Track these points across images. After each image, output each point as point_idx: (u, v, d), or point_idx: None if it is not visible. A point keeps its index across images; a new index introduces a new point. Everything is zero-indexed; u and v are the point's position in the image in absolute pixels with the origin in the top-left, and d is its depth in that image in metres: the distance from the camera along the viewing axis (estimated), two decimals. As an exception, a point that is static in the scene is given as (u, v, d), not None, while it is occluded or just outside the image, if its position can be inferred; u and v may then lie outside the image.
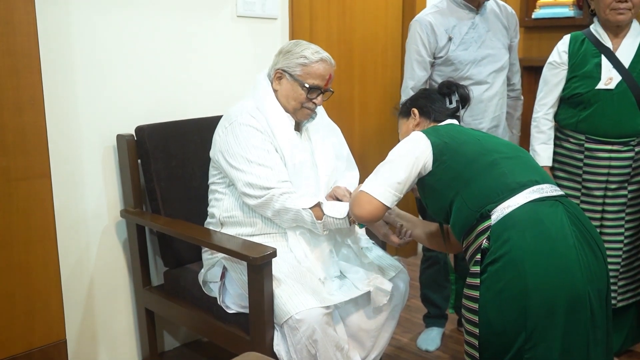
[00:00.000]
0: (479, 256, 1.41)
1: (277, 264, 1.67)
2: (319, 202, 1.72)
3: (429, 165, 1.53)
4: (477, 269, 1.41)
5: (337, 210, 1.71)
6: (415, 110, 1.73)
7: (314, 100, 1.84)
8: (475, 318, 1.40)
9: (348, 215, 1.70)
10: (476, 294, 1.40)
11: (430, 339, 2.38)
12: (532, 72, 3.19)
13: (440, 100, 1.74)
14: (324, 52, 1.85)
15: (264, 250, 1.61)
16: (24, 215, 1.60)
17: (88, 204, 2.01)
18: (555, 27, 3.17)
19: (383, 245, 2.01)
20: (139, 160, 2.02)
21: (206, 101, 2.28)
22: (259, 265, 1.58)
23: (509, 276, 1.34)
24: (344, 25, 2.85)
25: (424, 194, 1.61)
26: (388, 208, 1.53)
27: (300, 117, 1.88)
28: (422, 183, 1.58)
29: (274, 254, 1.61)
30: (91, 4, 1.92)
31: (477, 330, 1.40)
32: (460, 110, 1.76)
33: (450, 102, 1.75)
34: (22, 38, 1.56)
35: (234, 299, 1.79)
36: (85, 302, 2.05)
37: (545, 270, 1.33)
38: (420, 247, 3.38)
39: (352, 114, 3.00)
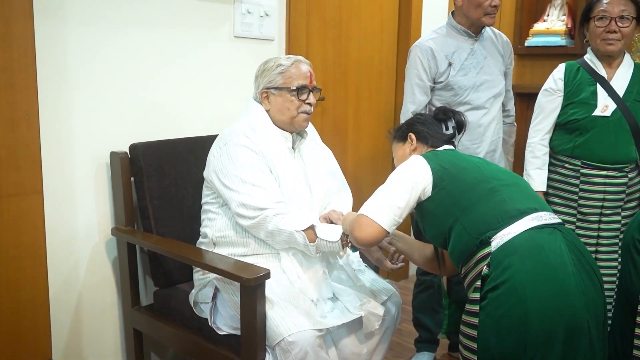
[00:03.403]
0: (478, 283, 1.40)
1: (269, 285, 1.65)
2: (312, 225, 1.72)
3: (429, 191, 1.53)
4: (476, 295, 1.40)
5: (331, 234, 1.71)
6: (413, 135, 1.73)
7: (307, 101, 1.85)
8: (474, 345, 1.39)
9: (341, 238, 1.70)
10: (475, 320, 1.39)
11: None
12: (524, 98, 3.24)
13: (437, 125, 1.75)
14: (296, 55, 1.90)
15: (257, 271, 1.60)
16: (14, 232, 1.58)
17: (79, 221, 1.98)
18: (547, 55, 3.23)
19: (376, 268, 2.01)
20: (132, 178, 2.01)
21: (201, 120, 2.28)
22: (252, 286, 1.56)
23: (510, 303, 1.34)
24: (340, 48, 2.88)
25: (422, 219, 1.60)
26: (388, 232, 1.53)
27: (301, 125, 1.88)
28: (420, 208, 1.58)
29: (267, 275, 1.60)
30: (88, 21, 1.93)
31: (475, 357, 1.39)
32: (457, 137, 1.77)
33: (447, 128, 1.76)
34: (20, 53, 1.55)
35: (225, 320, 1.77)
36: (72, 321, 2.01)
37: (545, 298, 1.33)
38: (413, 270, 3.37)
39: (345, 136, 3.01)
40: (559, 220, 1.48)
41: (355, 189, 2.11)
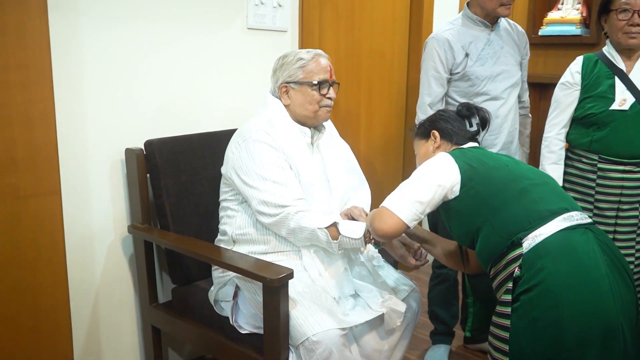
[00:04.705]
0: (510, 284, 1.39)
1: (292, 284, 1.62)
2: (335, 222, 1.69)
3: (456, 190, 1.50)
4: (508, 297, 1.39)
5: (353, 230, 1.68)
6: (436, 133, 1.69)
7: (328, 96, 1.83)
8: (505, 347, 1.38)
9: (364, 235, 1.67)
10: (507, 322, 1.38)
11: (438, 356, 2.35)
12: (537, 88, 3.19)
13: (461, 122, 1.72)
14: (315, 49, 1.86)
15: (281, 271, 1.57)
16: (33, 233, 1.55)
17: (95, 219, 1.96)
18: (561, 44, 3.17)
19: (395, 263, 1.99)
20: (148, 175, 1.98)
21: (216, 115, 2.25)
22: (275, 286, 1.54)
23: (544, 305, 1.33)
24: (353, 39, 2.84)
25: (449, 218, 1.58)
26: (408, 227, 1.50)
27: (322, 118, 1.86)
28: (447, 207, 1.55)
29: (290, 275, 1.57)
30: (102, 17, 1.89)
31: (507, 359, 1.37)
32: (480, 133, 1.74)
33: (471, 125, 1.72)
34: (35, 51, 1.51)
35: (247, 319, 1.75)
36: (91, 319, 2.00)
37: (580, 300, 1.32)
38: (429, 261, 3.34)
39: (358, 126, 2.98)
40: (590, 220, 1.46)
41: (367, 177, 2.08)
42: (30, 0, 1.48)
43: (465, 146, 1.65)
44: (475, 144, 1.68)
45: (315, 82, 1.79)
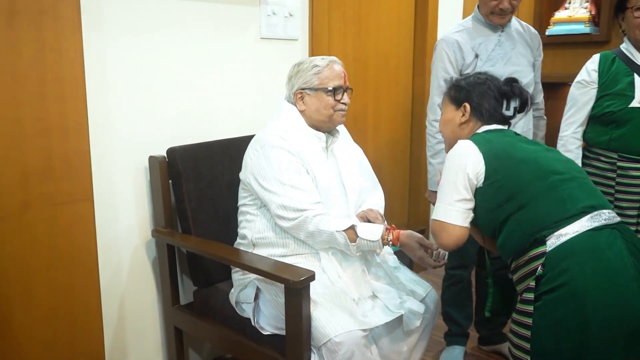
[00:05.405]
0: (532, 283, 1.37)
1: (312, 286, 1.67)
2: (352, 225, 1.75)
3: (481, 179, 1.49)
4: (530, 295, 1.38)
5: (371, 233, 1.74)
6: (468, 106, 1.62)
7: (342, 101, 1.89)
8: (527, 345, 1.37)
9: (382, 237, 1.73)
10: (528, 320, 1.37)
11: (452, 357, 2.37)
12: (546, 88, 3.20)
13: (497, 102, 1.63)
14: (329, 56, 1.92)
15: (302, 273, 1.63)
16: (68, 238, 1.63)
17: (120, 225, 2.03)
18: (570, 43, 3.12)
19: (410, 264, 2.04)
20: (170, 181, 2.05)
21: (232, 121, 2.32)
22: (297, 288, 1.60)
23: (569, 307, 1.31)
24: (360, 44, 2.91)
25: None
26: (467, 228, 1.51)
27: (337, 121, 1.91)
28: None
29: (312, 277, 1.63)
30: (127, 32, 1.96)
31: (527, 358, 1.38)
32: (516, 117, 1.66)
33: (508, 108, 1.63)
34: (70, 65, 1.60)
35: (268, 320, 1.81)
36: (118, 320, 2.07)
37: (607, 304, 1.29)
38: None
39: (365, 131, 3.06)
40: (618, 219, 1.43)
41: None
42: (66, 19, 1.56)
43: (492, 127, 1.61)
44: (504, 127, 1.63)
45: (330, 88, 1.85)
